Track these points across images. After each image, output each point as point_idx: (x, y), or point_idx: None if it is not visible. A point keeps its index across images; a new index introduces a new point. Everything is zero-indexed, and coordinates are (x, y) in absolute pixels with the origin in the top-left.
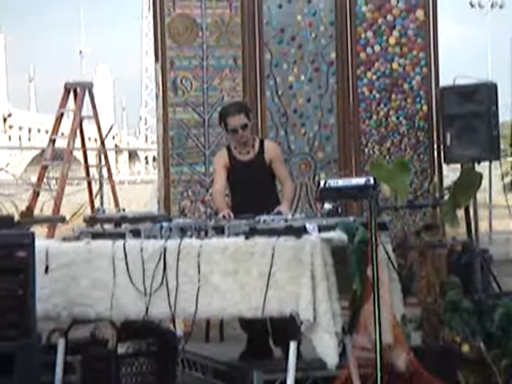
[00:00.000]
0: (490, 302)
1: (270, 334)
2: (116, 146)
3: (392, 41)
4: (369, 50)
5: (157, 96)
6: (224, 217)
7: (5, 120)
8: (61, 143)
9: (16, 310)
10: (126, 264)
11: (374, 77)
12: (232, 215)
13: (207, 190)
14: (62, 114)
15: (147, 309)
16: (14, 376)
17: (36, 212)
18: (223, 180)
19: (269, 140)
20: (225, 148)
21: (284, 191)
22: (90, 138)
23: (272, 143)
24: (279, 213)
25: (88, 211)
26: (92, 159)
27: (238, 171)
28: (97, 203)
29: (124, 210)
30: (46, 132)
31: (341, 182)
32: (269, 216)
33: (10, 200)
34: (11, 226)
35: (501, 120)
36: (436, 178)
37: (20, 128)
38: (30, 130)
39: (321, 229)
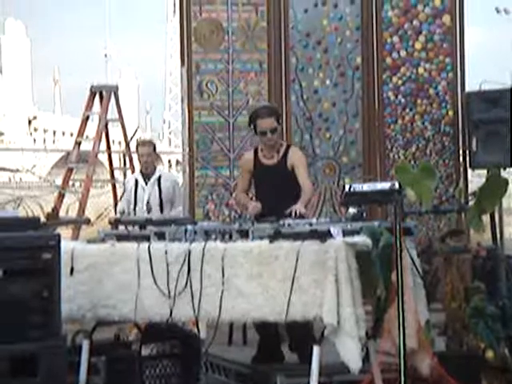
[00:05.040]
0: None
1: (287, 340)
2: None
3: (418, 46)
4: (395, 54)
5: (182, 99)
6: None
7: (30, 122)
8: (86, 146)
9: (41, 312)
10: (151, 266)
11: (400, 82)
12: (260, 206)
13: (231, 194)
14: (88, 117)
15: (171, 311)
16: (38, 377)
17: (61, 214)
18: (246, 185)
19: (295, 146)
20: (252, 151)
21: (302, 193)
22: (113, 141)
23: (296, 150)
24: (291, 212)
25: (113, 214)
26: (116, 162)
27: (261, 175)
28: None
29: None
30: (71, 135)
31: (365, 187)
32: (293, 219)
33: (35, 201)
34: (37, 228)
35: None
36: (461, 184)
37: (45, 130)
38: (54, 133)
39: (345, 233)
